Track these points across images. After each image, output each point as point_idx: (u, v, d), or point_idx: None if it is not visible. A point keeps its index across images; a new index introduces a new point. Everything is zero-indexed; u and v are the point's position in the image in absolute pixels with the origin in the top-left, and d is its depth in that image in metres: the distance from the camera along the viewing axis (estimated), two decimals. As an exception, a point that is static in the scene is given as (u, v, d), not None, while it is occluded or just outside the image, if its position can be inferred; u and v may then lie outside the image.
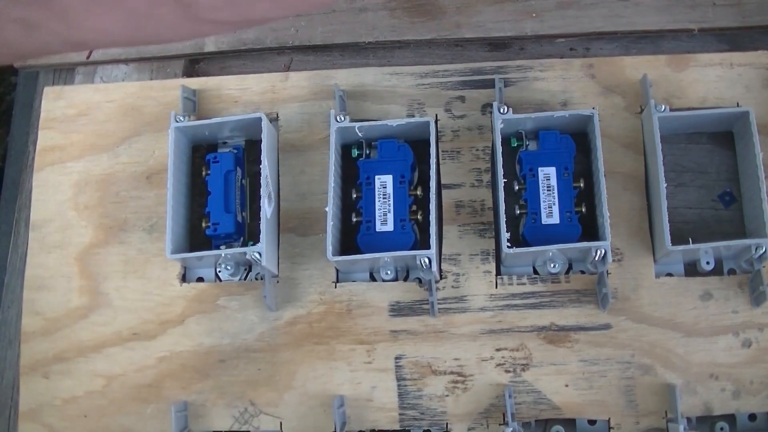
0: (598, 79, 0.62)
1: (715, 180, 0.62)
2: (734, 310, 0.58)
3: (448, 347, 0.58)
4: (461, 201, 0.61)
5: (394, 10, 0.67)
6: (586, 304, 0.58)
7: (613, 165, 0.60)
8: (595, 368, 0.57)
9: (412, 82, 0.64)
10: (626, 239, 0.59)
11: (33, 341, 0.61)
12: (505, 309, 0.59)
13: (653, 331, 0.57)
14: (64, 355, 0.61)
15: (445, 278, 0.59)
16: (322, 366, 0.59)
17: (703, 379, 0.57)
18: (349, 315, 0.59)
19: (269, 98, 0.64)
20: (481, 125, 0.62)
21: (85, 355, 0.61)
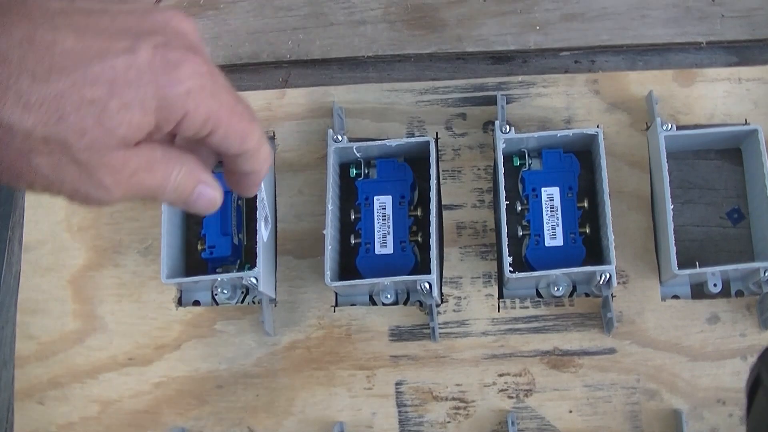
0: (603, 95, 0.62)
1: (723, 197, 0.62)
2: (742, 333, 0.58)
3: (450, 372, 0.58)
4: (462, 222, 0.60)
5: (394, 23, 0.66)
6: (591, 328, 0.58)
7: (618, 184, 0.60)
8: (600, 393, 0.57)
9: (412, 98, 0.63)
10: (631, 261, 0.59)
11: (27, 366, 0.61)
12: (508, 333, 0.59)
13: (659, 355, 0.57)
14: (59, 380, 0.61)
15: (446, 302, 0.59)
16: (321, 392, 0.59)
17: (710, 404, 0.57)
18: (348, 340, 0.59)
19: (265, 116, 0.64)
20: (483, 143, 0.62)
21: (81, 381, 0.61)
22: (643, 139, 0.61)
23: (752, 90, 0.62)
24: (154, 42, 0.38)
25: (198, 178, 0.43)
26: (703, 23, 0.64)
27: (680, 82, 0.62)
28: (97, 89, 0.37)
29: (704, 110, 0.61)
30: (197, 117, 0.39)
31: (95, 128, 0.37)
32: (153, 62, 0.38)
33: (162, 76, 0.38)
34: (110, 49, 0.37)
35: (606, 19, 0.65)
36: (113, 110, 0.37)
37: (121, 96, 0.37)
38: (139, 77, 0.38)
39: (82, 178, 0.39)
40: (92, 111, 0.37)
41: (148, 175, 0.41)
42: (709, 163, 0.62)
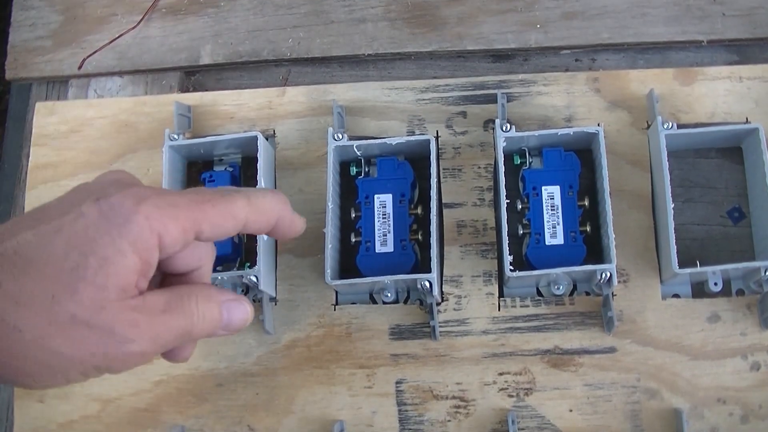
0: (604, 94, 0.62)
1: (724, 195, 0.62)
2: (742, 332, 0.58)
3: (450, 371, 0.58)
4: (463, 221, 0.61)
5: (394, 20, 0.66)
6: (591, 327, 0.58)
7: (619, 183, 0.60)
8: (600, 392, 0.57)
9: (413, 97, 0.63)
10: (632, 259, 0.59)
11: (27, 364, 0.61)
12: (508, 332, 0.59)
13: (659, 354, 0.58)
14: (59, 378, 0.61)
15: (447, 300, 0.59)
16: (321, 390, 0.59)
17: (710, 404, 0.57)
18: (348, 338, 0.59)
19: (266, 114, 0.64)
20: (483, 142, 0.62)
21: (81, 379, 0.61)
22: (643, 137, 0.61)
23: (753, 88, 0.62)
24: (93, 197, 0.40)
25: (217, 299, 0.44)
26: (704, 22, 0.64)
27: (681, 81, 0.62)
28: (72, 258, 0.39)
29: (705, 109, 0.61)
30: (172, 231, 0.41)
31: (88, 288, 0.39)
32: (102, 212, 0.40)
33: (116, 219, 0.40)
34: (63, 222, 0.39)
35: (606, 18, 0.65)
36: (95, 267, 0.39)
37: (93, 252, 0.39)
38: (97, 230, 0.39)
39: (105, 339, 0.40)
40: (78, 275, 0.39)
41: (169, 317, 0.42)
42: (709, 162, 0.62)
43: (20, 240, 0.40)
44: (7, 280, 0.39)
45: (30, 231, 0.40)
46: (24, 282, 0.39)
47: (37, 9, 0.70)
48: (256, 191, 0.45)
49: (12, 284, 0.39)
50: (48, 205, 0.43)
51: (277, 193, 0.46)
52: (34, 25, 0.70)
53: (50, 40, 0.70)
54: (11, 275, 0.39)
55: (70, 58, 0.69)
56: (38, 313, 0.39)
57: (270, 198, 0.45)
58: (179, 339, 0.43)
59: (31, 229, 0.40)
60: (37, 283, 0.39)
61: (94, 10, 0.70)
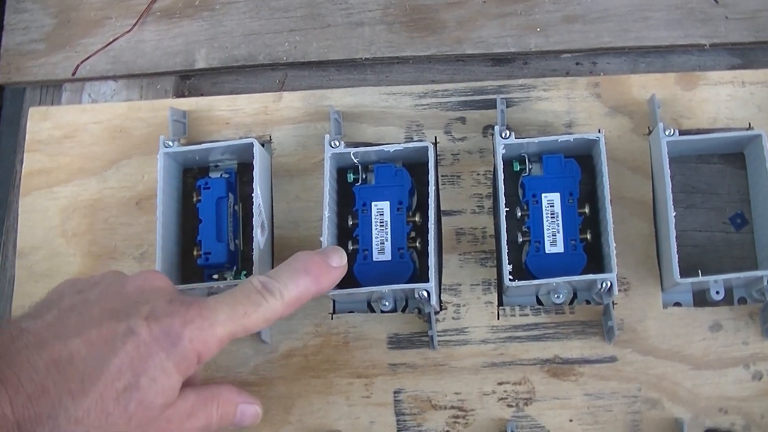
0: (604, 99, 0.62)
1: (727, 201, 0.62)
2: (745, 341, 0.58)
3: (449, 381, 0.58)
4: (462, 228, 0.60)
5: (392, 24, 0.66)
6: (591, 336, 0.58)
7: (620, 190, 0.60)
8: (601, 402, 0.57)
9: (411, 102, 0.63)
10: (633, 267, 0.59)
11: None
12: (508, 341, 0.59)
13: (661, 364, 0.57)
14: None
15: (445, 309, 0.59)
16: (318, 400, 0.59)
17: (712, 414, 0.57)
18: (346, 347, 0.59)
19: (262, 119, 0.64)
20: (482, 148, 0.62)
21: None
22: (645, 143, 0.61)
23: (756, 94, 0.61)
24: (143, 315, 0.45)
25: (234, 401, 0.51)
26: (707, 25, 0.64)
27: (683, 86, 0.62)
28: (125, 377, 0.43)
29: (707, 114, 0.61)
30: (211, 349, 0.47)
31: (139, 409, 0.44)
32: (152, 333, 0.45)
33: (164, 340, 0.45)
34: (115, 339, 0.44)
35: (607, 21, 0.64)
36: (145, 388, 0.44)
37: (145, 373, 0.44)
38: (149, 351, 0.44)
39: None
40: (130, 396, 0.43)
41: (194, 421, 0.48)
42: (712, 167, 0.62)
43: (72, 348, 0.43)
44: (66, 397, 0.42)
45: (79, 339, 0.44)
46: (82, 402, 0.42)
47: (30, 12, 0.70)
48: (290, 283, 0.50)
49: (71, 403, 0.42)
50: (87, 299, 0.47)
51: (311, 269, 0.51)
52: (27, 29, 0.70)
53: (44, 44, 0.69)
54: (69, 393, 0.42)
55: (64, 62, 0.68)
56: (92, 428, 0.42)
57: (302, 285, 0.51)
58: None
59: (79, 334, 0.44)
60: (93, 403, 0.42)
61: (88, 13, 0.69)
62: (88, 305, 0.46)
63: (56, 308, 0.46)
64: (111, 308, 0.46)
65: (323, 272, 0.52)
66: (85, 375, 0.43)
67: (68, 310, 0.46)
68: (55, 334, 0.44)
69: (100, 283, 0.48)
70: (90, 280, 0.49)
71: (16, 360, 0.42)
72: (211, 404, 0.49)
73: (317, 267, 0.52)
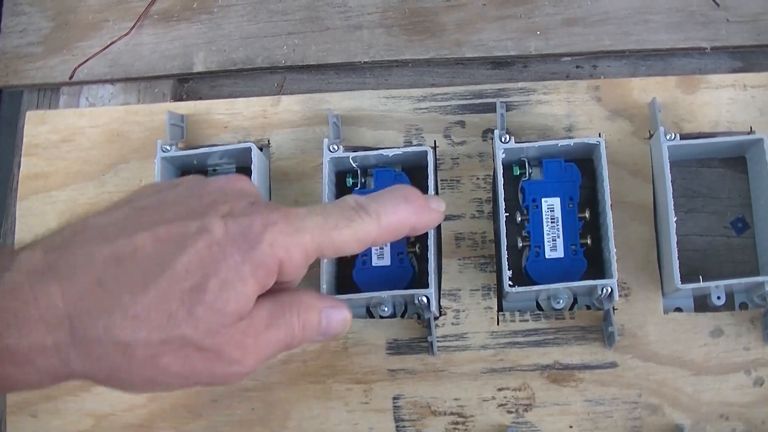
0: (605, 102, 0.62)
1: (728, 206, 0.61)
2: (746, 346, 0.57)
3: (448, 387, 0.58)
4: (461, 233, 0.60)
5: (391, 27, 0.66)
6: (592, 342, 0.58)
7: (620, 194, 0.60)
8: (601, 408, 0.57)
9: (410, 106, 0.63)
10: (633, 273, 0.59)
11: (19, 378, 0.61)
12: (507, 347, 0.58)
13: (661, 370, 0.57)
14: (52, 393, 0.61)
15: (445, 315, 0.59)
16: (317, 406, 0.59)
17: (712, 420, 0.56)
18: (345, 353, 0.59)
19: (260, 123, 0.64)
20: (482, 152, 0.62)
21: (74, 394, 0.61)
22: (645, 147, 0.61)
23: (757, 97, 0.61)
24: (219, 213, 0.41)
25: (317, 306, 0.45)
26: (708, 28, 0.64)
27: (684, 89, 0.62)
28: (192, 277, 0.39)
29: (708, 117, 0.61)
30: (294, 258, 0.42)
31: (207, 314, 0.39)
32: (229, 234, 0.40)
33: (242, 241, 0.40)
34: (186, 237, 0.39)
35: (608, 24, 0.64)
36: (215, 290, 0.39)
37: (216, 274, 0.39)
38: (222, 251, 0.40)
39: (213, 361, 0.41)
40: (197, 298, 0.39)
41: (273, 331, 0.43)
42: (713, 171, 0.62)
43: (137, 243, 0.39)
44: (123, 292, 0.38)
45: (147, 233, 0.40)
46: (142, 299, 0.38)
47: (27, 15, 0.70)
48: (388, 207, 0.45)
49: (129, 298, 0.38)
50: (164, 198, 0.43)
51: (411, 199, 0.47)
52: (24, 31, 0.70)
53: (41, 47, 0.69)
54: (128, 288, 0.38)
55: (62, 65, 0.68)
56: (152, 331, 0.39)
57: (401, 212, 0.46)
58: (279, 351, 0.44)
59: (148, 230, 0.40)
60: (155, 302, 0.39)
61: (86, 16, 0.69)
62: (162, 205, 0.42)
63: (128, 206, 0.42)
64: (186, 207, 0.41)
65: (424, 208, 0.47)
66: (147, 271, 0.39)
67: (140, 209, 0.42)
68: (120, 230, 0.40)
69: (180, 185, 0.44)
70: (171, 182, 0.45)
71: (74, 252, 0.39)
72: (290, 312, 0.44)
73: (418, 200, 0.47)
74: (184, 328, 0.39)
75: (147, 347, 0.39)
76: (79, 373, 0.39)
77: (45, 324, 0.37)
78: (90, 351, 0.38)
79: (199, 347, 0.40)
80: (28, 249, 0.40)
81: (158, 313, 0.39)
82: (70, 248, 0.39)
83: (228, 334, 0.40)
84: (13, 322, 0.37)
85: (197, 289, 0.39)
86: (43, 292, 0.38)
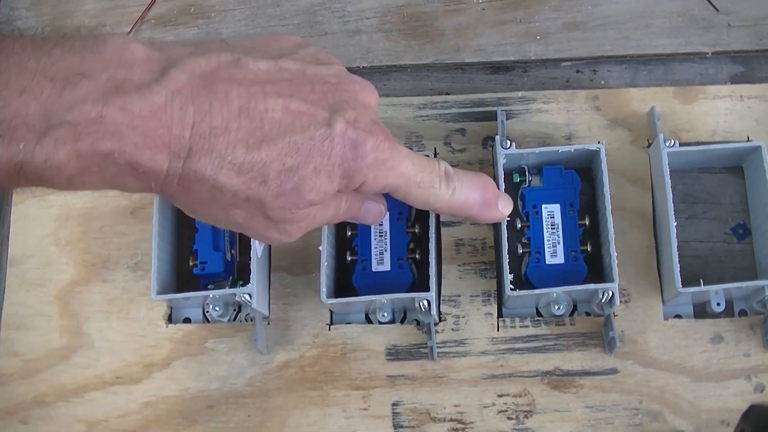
0: (604, 112, 0.62)
1: (729, 212, 0.62)
2: (746, 353, 0.57)
3: (448, 393, 0.58)
4: (461, 239, 0.60)
5: (390, 32, 0.66)
6: (592, 348, 0.58)
7: (620, 201, 0.60)
8: (602, 415, 0.57)
9: (410, 113, 0.63)
10: (633, 279, 0.59)
11: (11, 384, 0.61)
12: (507, 353, 0.58)
13: (662, 376, 0.57)
14: (44, 398, 0.60)
15: (445, 320, 0.59)
16: (315, 412, 0.58)
17: (713, 426, 0.56)
18: (343, 359, 0.59)
19: (259, 128, 0.63)
20: (482, 159, 0.62)
21: (66, 399, 0.60)
22: (644, 156, 0.61)
23: (754, 107, 0.62)
24: (346, 117, 0.45)
25: (361, 196, 0.51)
26: (709, 33, 0.64)
27: (681, 99, 0.62)
28: (297, 157, 0.43)
29: (706, 127, 0.62)
30: (375, 185, 0.47)
31: (291, 193, 0.44)
32: (344, 136, 0.44)
33: (350, 150, 0.44)
34: (312, 121, 0.44)
35: (608, 29, 0.64)
36: (307, 177, 0.44)
37: (315, 164, 0.44)
38: (331, 148, 0.44)
39: (270, 228, 0.46)
40: (290, 177, 0.43)
41: (324, 211, 0.48)
42: (714, 177, 0.62)
43: (269, 106, 0.43)
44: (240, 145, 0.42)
45: (281, 101, 0.43)
46: (251, 156, 0.42)
47: (24, 20, 0.70)
48: (465, 189, 0.51)
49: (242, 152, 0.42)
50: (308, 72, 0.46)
51: (487, 193, 0.52)
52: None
53: (37, 50, 0.69)
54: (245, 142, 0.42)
55: (58, 69, 0.68)
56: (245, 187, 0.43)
57: (472, 200, 0.51)
58: (322, 225, 0.52)
59: (283, 97, 0.43)
60: (260, 164, 0.42)
61: (83, 20, 0.69)
62: (303, 78, 0.45)
63: (274, 60, 0.45)
64: (323, 93, 0.45)
65: (492, 203, 0.53)
66: (267, 134, 0.42)
67: (284, 70, 0.45)
68: (261, 86, 0.43)
69: (324, 66, 0.47)
70: (316, 54, 0.49)
71: (216, 88, 0.42)
72: (341, 199, 0.49)
73: (492, 195, 0.53)
74: (268, 196, 0.43)
75: (233, 197, 0.43)
76: (170, 193, 0.43)
77: (168, 150, 0.40)
78: (190, 184, 0.42)
79: (268, 216, 0.45)
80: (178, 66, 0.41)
81: (258, 174, 0.42)
82: (213, 82, 0.42)
83: (296, 213, 0.45)
84: (147, 143, 0.40)
85: (295, 169, 0.43)
86: (178, 120, 0.40)
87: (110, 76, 0.39)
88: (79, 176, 0.40)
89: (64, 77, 0.38)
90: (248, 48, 0.46)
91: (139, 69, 0.40)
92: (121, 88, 0.39)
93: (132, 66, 0.40)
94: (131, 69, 0.40)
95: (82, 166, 0.39)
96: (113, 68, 0.40)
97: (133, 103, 0.39)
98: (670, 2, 0.64)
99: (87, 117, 0.38)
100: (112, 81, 0.39)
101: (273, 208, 0.44)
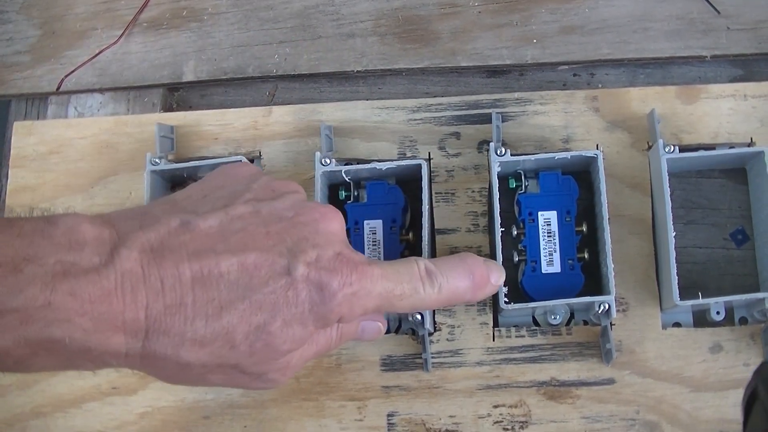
0: (603, 113, 0.61)
1: (728, 217, 0.61)
2: (745, 363, 0.57)
3: (443, 404, 0.58)
4: (456, 247, 0.60)
5: (385, 35, 0.65)
6: (589, 358, 0.58)
7: (618, 207, 0.59)
8: (599, 425, 0.57)
9: (404, 117, 0.62)
10: (632, 287, 0.58)
11: (9, 395, 0.61)
12: (503, 363, 0.58)
13: (660, 386, 0.57)
14: (42, 409, 0.61)
15: (440, 331, 0.59)
16: (311, 423, 0.58)
17: (712, 437, 0.56)
18: (338, 370, 0.59)
19: (251, 135, 0.63)
20: (477, 164, 0.61)
21: (64, 410, 0.60)
22: (644, 159, 0.60)
23: (758, 107, 0.61)
24: (306, 259, 0.43)
25: (355, 321, 0.49)
26: (708, 36, 0.63)
27: (683, 99, 0.61)
28: (262, 314, 0.42)
29: (708, 128, 0.60)
30: (353, 316, 0.46)
31: (264, 350, 0.43)
32: (307, 281, 0.43)
33: (316, 293, 0.43)
34: (271, 272, 0.43)
35: (606, 32, 0.64)
36: (276, 331, 0.43)
37: (282, 316, 0.43)
38: (296, 296, 0.43)
39: (254, 381, 0.46)
40: (259, 336, 0.43)
41: (310, 348, 0.47)
42: (713, 182, 0.61)
43: (223, 268, 0.42)
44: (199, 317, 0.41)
45: (235, 260, 0.42)
46: (213, 325, 0.41)
47: (14, 23, 0.69)
48: (452, 280, 0.49)
49: (202, 324, 0.41)
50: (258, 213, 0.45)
51: (475, 275, 0.50)
52: (11, 40, 0.69)
53: (28, 56, 0.69)
54: (204, 312, 0.41)
55: (49, 75, 0.68)
56: (213, 357, 0.42)
57: (462, 288, 0.49)
58: (314, 358, 0.50)
59: (236, 255, 0.42)
60: (223, 332, 0.42)
61: (74, 24, 0.69)
62: (257, 222, 0.44)
63: (224, 211, 0.44)
64: (279, 235, 0.44)
65: (484, 284, 0.50)
66: (225, 299, 0.41)
67: (236, 219, 0.44)
68: (211, 246, 0.42)
69: (278, 199, 0.46)
70: (270, 185, 0.48)
71: (166, 263, 0.41)
72: (329, 330, 0.48)
73: (481, 277, 0.50)
74: (241, 358, 0.43)
75: (203, 368, 0.42)
76: (135, 368, 0.42)
77: (125, 334, 0.40)
78: (154, 362, 0.42)
79: (246, 373, 0.44)
80: (127, 244, 0.41)
81: (223, 342, 0.42)
82: (162, 254, 0.41)
83: (275, 364, 0.45)
84: (99, 327, 0.39)
85: (262, 326, 0.42)
86: (130, 303, 0.40)
87: (58, 260, 0.39)
88: (29, 360, 0.39)
89: (12, 262, 0.38)
90: (200, 198, 0.46)
91: (89, 250, 0.40)
92: (69, 273, 0.39)
93: (82, 248, 0.40)
94: (81, 251, 0.40)
95: (31, 352, 0.39)
96: (62, 252, 0.39)
97: (82, 288, 0.39)
98: (668, 5, 0.64)
99: (34, 303, 0.38)
100: (61, 265, 0.39)
101: (249, 366, 0.44)
